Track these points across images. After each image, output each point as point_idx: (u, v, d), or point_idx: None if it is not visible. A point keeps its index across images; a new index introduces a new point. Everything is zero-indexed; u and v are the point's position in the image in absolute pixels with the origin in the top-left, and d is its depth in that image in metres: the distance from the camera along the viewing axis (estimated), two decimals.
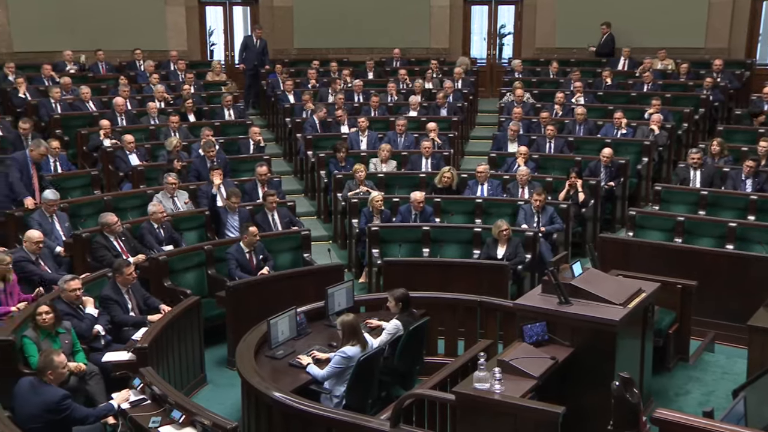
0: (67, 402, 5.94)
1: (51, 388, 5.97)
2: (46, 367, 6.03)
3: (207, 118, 13.95)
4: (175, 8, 17.55)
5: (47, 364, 6.04)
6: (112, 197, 10.69)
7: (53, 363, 6.04)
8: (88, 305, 7.49)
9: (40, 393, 5.92)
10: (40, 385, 5.98)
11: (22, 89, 13.95)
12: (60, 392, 5.97)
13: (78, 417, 5.96)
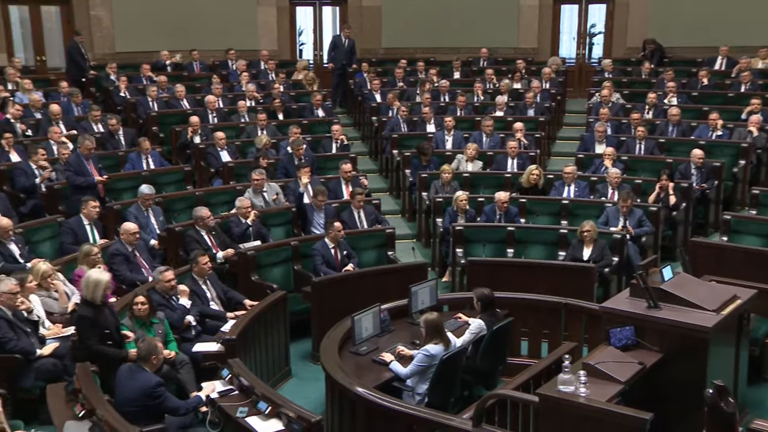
0: (161, 389, 6.11)
1: (147, 374, 6.15)
2: (151, 353, 6.20)
3: (295, 117, 14.17)
4: (267, 9, 17.90)
5: (152, 349, 6.21)
6: (204, 192, 10.99)
7: (158, 348, 6.25)
8: (183, 296, 7.72)
9: (137, 378, 6.12)
10: (137, 370, 6.17)
11: (122, 88, 14.46)
12: (155, 378, 6.15)
13: (170, 406, 6.12)
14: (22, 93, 13.42)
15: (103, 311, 6.88)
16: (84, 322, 6.83)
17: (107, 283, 6.92)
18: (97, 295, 6.83)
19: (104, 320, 6.84)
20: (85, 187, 10.31)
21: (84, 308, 6.89)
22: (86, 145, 10.55)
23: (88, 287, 6.88)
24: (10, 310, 6.99)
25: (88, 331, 6.77)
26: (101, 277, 6.92)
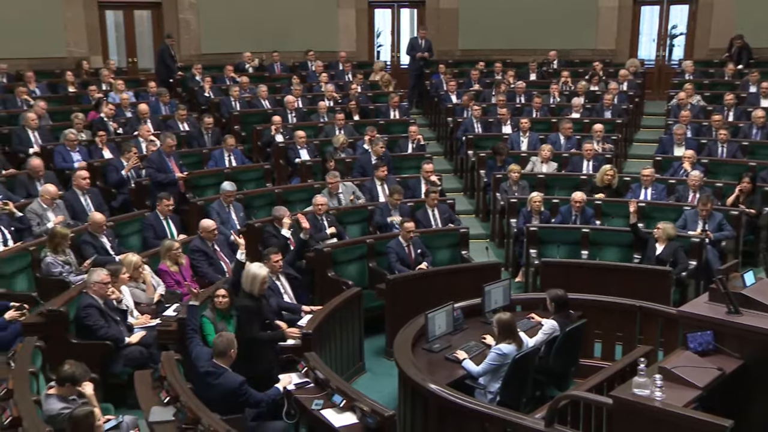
0: (245, 387, 6.10)
1: (228, 374, 6.08)
2: (229, 347, 6.18)
3: (372, 117, 14.25)
4: (347, 11, 18.07)
5: (230, 344, 6.21)
6: (282, 190, 11.15)
7: (234, 343, 6.29)
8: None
9: (220, 381, 6.03)
10: (219, 372, 6.07)
11: (207, 88, 14.82)
12: (238, 379, 6.07)
13: (253, 401, 6.15)
14: (115, 93, 13.89)
15: (262, 302, 7.12)
16: (247, 312, 6.95)
17: (264, 278, 7.03)
18: (254, 287, 6.96)
19: (263, 311, 7.09)
20: (166, 183, 10.63)
21: (245, 299, 7.00)
22: (168, 142, 10.86)
23: (247, 280, 7.01)
24: (101, 299, 7.26)
25: (251, 321, 6.91)
26: (259, 271, 7.02)
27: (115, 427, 5.64)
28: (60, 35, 15.75)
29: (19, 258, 8.41)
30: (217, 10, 16.83)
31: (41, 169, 10.28)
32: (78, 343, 7.07)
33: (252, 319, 6.92)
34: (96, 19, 16.44)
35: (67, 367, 5.85)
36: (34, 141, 11.68)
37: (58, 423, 5.54)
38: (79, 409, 5.28)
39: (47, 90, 14.24)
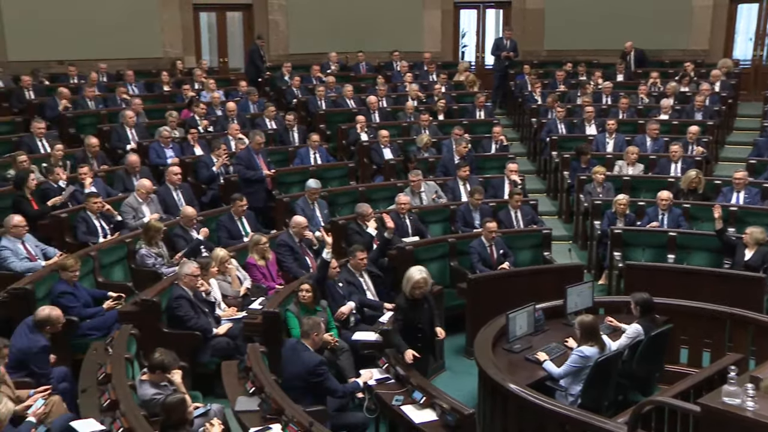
0: (324, 368, 6.25)
1: (310, 352, 6.30)
2: (313, 329, 6.37)
3: (456, 117, 14.20)
4: (432, 12, 18.07)
5: (314, 326, 6.39)
6: (366, 188, 11.23)
7: (320, 327, 6.45)
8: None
9: (301, 356, 6.29)
10: (301, 348, 6.33)
11: (294, 87, 15.06)
12: (317, 357, 6.29)
13: (329, 387, 6.26)
14: (206, 92, 14.28)
15: (420, 306, 6.72)
16: (398, 312, 6.85)
17: (417, 282, 6.64)
18: (406, 289, 6.69)
19: (415, 314, 6.70)
20: (254, 180, 10.84)
21: (401, 299, 6.79)
22: (257, 140, 11.09)
23: (404, 282, 6.76)
24: (191, 290, 7.48)
25: (398, 321, 6.77)
26: (413, 275, 6.66)
27: (203, 414, 5.81)
28: (157, 37, 16.29)
29: (116, 250, 8.75)
30: (305, 12, 17.07)
31: (138, 164, 10.66)
32: (169, 332, 7.30)
33: (399, 319, 6.75)
34: (191, 20, 16.93)
35: (157, 354, 6.06)
36: (132, 138, 12.11)
37: (151, 407, 5.75)
38: (171, 396, 5.46)
39: (144, 89, 14.75)
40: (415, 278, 6.64)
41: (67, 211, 9.36)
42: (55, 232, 9.18)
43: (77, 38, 14.93)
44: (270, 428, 5.50)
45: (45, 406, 5.77)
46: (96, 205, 9.21)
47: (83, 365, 6.48)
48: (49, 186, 9.71)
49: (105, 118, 12.94)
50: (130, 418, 5.31)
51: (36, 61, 14.64)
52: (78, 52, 14.90)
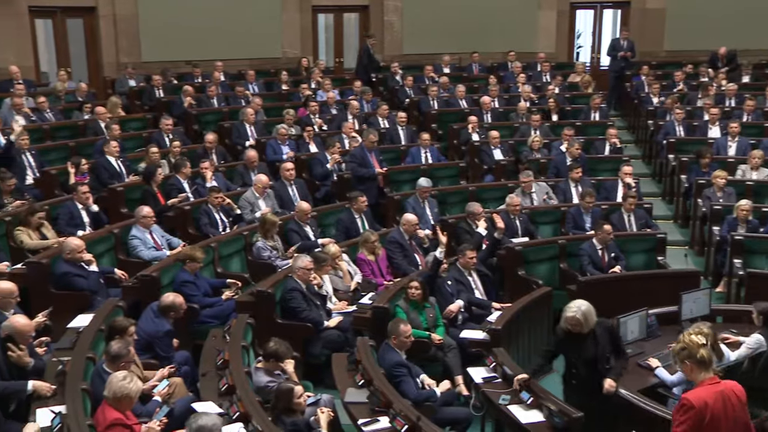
0: (400, 370, 6.32)
1: (393, 352, 6.42)
2: (392, 332, 6.50)
3: (569, 118, 13.94)
4: (548, 12, 17.80)
5: (393, 329, 6.53)
6: (476, 188, 11.19)
7: (399, 329, 6.51)
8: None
9: (384, 356, 6.45)
10: (387, 348, 6.48)
11: (407, 87, 15.16)
12: (396, 359, 6.38)
13: (403, 390, 6.21)
14: (322, 91, 14.59)
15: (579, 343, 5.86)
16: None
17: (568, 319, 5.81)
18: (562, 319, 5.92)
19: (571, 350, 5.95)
20: (367, 178, 10.99)
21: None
22: (370, 138, 11.24)
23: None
24: (304, 283, 7.67)
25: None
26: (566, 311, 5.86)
27: (314, 404, 5.94)
28: (277, 38, 16.76)
29: (234, 242, 9.08)
30: (420, 13, 17.15)
31: (256, 160, 11.01)
32: (282, 323, 7.52)
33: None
34: (309, 22, 17.33)
35: (272, 344, 6.27)
36: (250, 134, 12.52)
37: (265, 394, 5.94)
38: (284, 383, 5.63)
39: (263, 88, 15.20)
40: (566, 315, 5.83)
41: (190, 204, 9.79)
42: (179, 223, 9.61)
43: (203, 40, 15.56)
44: (378, 420, 5.58)
45: (169, 387, 6.06)
46: (217, 199, 9.57)
47: (203, 351, 6.77)
48: (175, 181, 10.16)
49: (226, 115, 13.44)
50: (245, 403, 5.51)
51: (166, 61, 15.36)
52: (203, 53, 15.53)
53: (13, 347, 5.76)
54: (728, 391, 4.40)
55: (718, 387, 4.38)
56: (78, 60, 15.75)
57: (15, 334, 5.80)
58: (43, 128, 12.02)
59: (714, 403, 4.31)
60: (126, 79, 14.68)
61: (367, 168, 11.09)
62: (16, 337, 5.80)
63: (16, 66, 13.66)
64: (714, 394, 4.34)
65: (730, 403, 4.36)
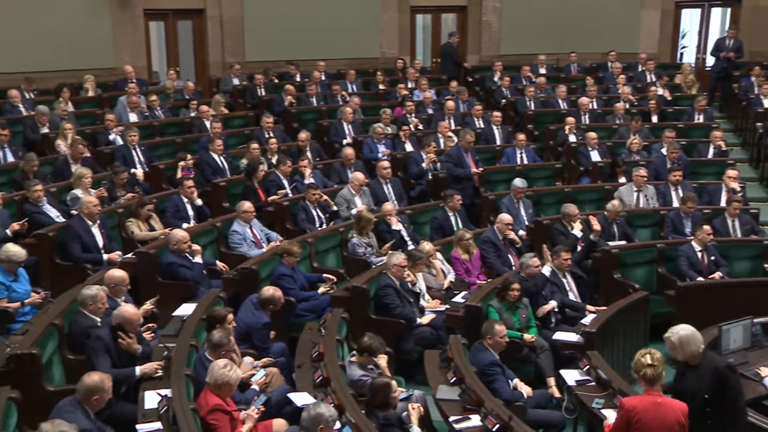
0: (494, 369, 6.31)
1: (485, 352, 6.40)
2: (487, 332, 6.51)
3: (671, 120, 13.49)
4: (651, 12, 17.28)
5: (488, 329, 6.52)
6: (572, 189, 10.99)
7: (494, 330, 6.50)
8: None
9: (476, 355, 6.44)
10: (480, 347, 6.47)
11: (504, 88, 15.02)
12: (490, 358, 6.36)
13: (496, 389, 6.19)
14: (419, 91, 14.63)
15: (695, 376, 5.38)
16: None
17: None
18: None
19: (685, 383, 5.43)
20: (462, 177, 10.95)
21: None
22: (467, 138, 11.19)
23: None
24: (398, 280, 7.72)
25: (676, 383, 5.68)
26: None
27: (406, 399, 5.98)
28: (375, 38, 16.89)
29: (330, 238, 9.22)
30: (518, 13, 16.95)
31: (353, 158, 11.15)
32: (376, 319, 7.60)
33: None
34: (408, 22, 17.39)
35: (366, 338, 6.34)
36: (348, 133, 12.68)
37: (358, 388, 6.03)
38: (379, 378, 5.69)
39: (361, 87, 15.37)
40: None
41: (288, 200, 10.00)
42: (278, 218, 9.83)
43: (304, 41, 15.84)
44: (469, 419, 5.56)
45: (266, 376, 6.23)
46: (314, 196, 9.75)
47: (299, 343, 6.91)
48: (275, 177, 10.40)
49: (325, 113, 13.65)
50: (339, 396, 5.60)
51: (268, 61, 15.72)
52: (304, 53, 15.81)
53: (123, 335, 6.04)
54: (666, 406, 4.89)
55: (656, 399, 4.91)
56: (186, 60, 16.33)
57: (124, 323, 6.07)
58: (153, 125, 12.54)
59: (643, 411, 4.85)
60: (230, 77, 15.12)
61: (463, 168, 11.04)
62: (125, 326, 6.07)
63: (130, 66, 14.31)
64: (648, 404, 4.89)
65: (661, 415, 4.83)
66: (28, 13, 13.68)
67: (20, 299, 7.17)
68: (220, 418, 5.36)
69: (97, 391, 5.18)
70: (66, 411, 5.05)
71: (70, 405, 5.14)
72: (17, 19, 13.58)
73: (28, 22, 13.66)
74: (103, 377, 5.27)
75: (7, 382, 5.53)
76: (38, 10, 13.72)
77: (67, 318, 6.61)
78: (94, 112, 12.86)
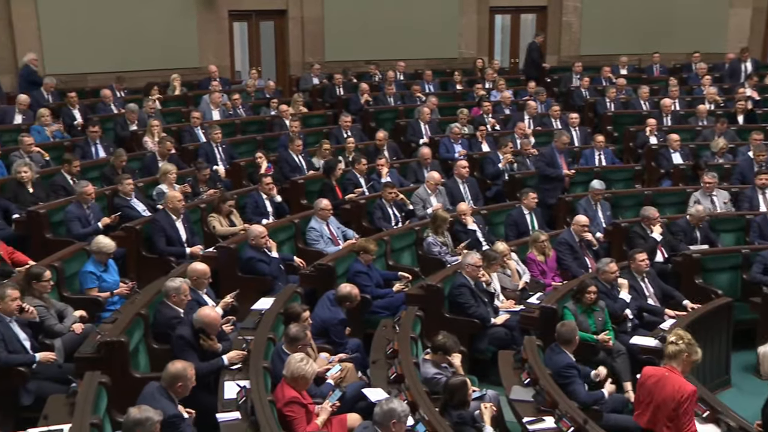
0: (570, 371, 6.18)
1: (563, 355, 6.29)
2: (572, 334, 6.35)
3: (760, 122, 13.00)
4: (741, 10, 16.75)
5: (571, 333, 6.36)
6: (652, 192, 10.73)
7: (573, 333, 6.35)
8: (623, 289, 7.68)
9: (553, 357, 6.31)
10: (556, 349, 6.35)
11: (583, 88, 14.78)
12: (566, 360, 6.24)
13: (574, 391, 6.09)
14: (496, 91, 14.52)
15: None
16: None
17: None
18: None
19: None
20: (553, 177, 10.83)
21: None
22: (562, 140, 11.07)
23: None
24: (473, 280, 7.68)
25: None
26: None
27: (479, 398, 5.96)
28: (454, 38, 16.87)
29: (406, 236, 9.25)
30: (599, 13, 16.68)
31: (429, 157, 11.15)
32: (450, 318, 7.57)
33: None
34: (486, 22, 17.30)
35: (440, 337, 6.35)
36: (425, 132, 12.70)
37: (432, 386, 6.03)
38: (455, 378, 5.69)
39: (438, 87, 15.35)
40: None
41: (365, 198, 10.08)
42: (354, 216, 9.91)
43: (383, 41, 15.94)
44: (543, 420, 5.51)
45: (341, 371, 6.30)
46: (391, 195, 9.79)
47: (374, 340, 6.96)
48: (352, 176, 10.50)
49: (402, 113, 13.69)
50: (413, 393, 5.62)
51: (347, 61, 15.90)
52: (382, 53, 15.92)
53: (204, 338, 6.20)
54: (669, 381, 5.20)
55: (665, 372, 5.27)
56: (268, 59, 16.65)
57: (205, 327, 6.22)
58: (235, 123, 12.82)
59: (651, 377, 5.32)
60: (310, 77, 15.33)
61: (555, 168, 10.91)
62: (206, 329, 6.23)
63: (214, 65, 14.67)
64: (658, 374, 5.29)
65: (661, 386, 5.21)
66: (121, 16, 14.16)
67: (109, 289, 7.48)
68: (296, 410, 5.45)
69: (181, 378, 5.34)
70: (152, 398, 5.23)
71: (156, 392, 5.32)
72: (111, 22, 14.07)
73: (121, 25, 14.14)
74: (186, 365, 5.43)
75: (98, 367, 5.75)
76: (130, 13, 14.21)
77: (152, 308, 6.83)
78: (179, 110, 13.24)
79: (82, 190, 8.76)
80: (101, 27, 13.90)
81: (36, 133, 10.90)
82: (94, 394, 5.32)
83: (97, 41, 13.84)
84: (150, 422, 4.73)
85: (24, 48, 13.54)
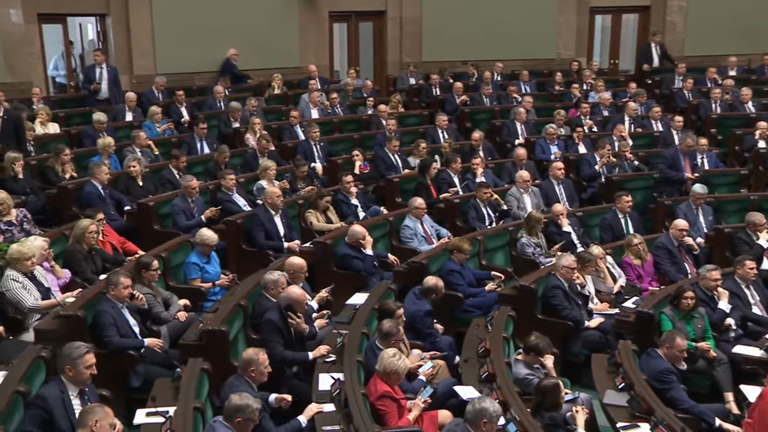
0: (669, 377, 6.02)
1: (660, 360, 6.16)
2: (666, 341, 6.26)
3: None
4: None
5: (669, 338, 6.28)
6: (759, 197, 10.27)
7: (675, 341, 6.21)
8: (722, 298, 7.41)
9: (650, 362, 6.18)
10: (654, 354, 6.22)
11: (686, 90, 14.29)
12: (664, 365, 6.09)
13: (674, 397, 5.95)
14: (594, 93, 14.21)
15: None
16: None
17: None
18: None
19: None
20: (675, 180, 10.59)
21: None
22: (687, 142, 10.83)
23: None
24: (567, 282, 7.56)
25: None
26: None
27: (571, 401, 5.86)
28: (552, 39, 16.58)
29: (500, 236, 9.18)
30: (705, 12, 16.06)
31: (524, 158, 11.02)
32: (543, 319, 7.48)
33: None
34: (586, 23, 16.93)
35: (533, 338, 6.29)
36: (521, 133, 12.57)
37: (523, 386, 5.99)
38: (547, 379, 5.63)
39: (535, 88, 15.15)
40: None
41: (460, 198, 10.06)
42: (448, 215, 9.90)
43: (480, 41, 15.82)
44: (638, 426, 5.38)
45: (433, 368, 6.32)
46: (485, 194, 9.75)
47: (465, 338, 6.96)
48: (446, 175, 10.50)
49: (498, 113, 13.59)
50: (505, 392, 5.59)
51: (444, 61, 15.88)
52: (479, 54, 15.82)
53: (292, 315, 6.36)
54: None
55: None
56: (365, 59, 16.81)
57: (293, 303, 6.40)
58: (333, 121, 13.03)
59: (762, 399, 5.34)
60: (407, 77, 15.40)
61: (677, 171, 10.61)
62: (294, 306, 6.40)
63: (314, 65, 14.94)
64: None
65: None
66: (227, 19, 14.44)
67: (211, 280, 7.76)
68: (388, 404, 5.52)
69: (253, 363, 5.55)
70: (234, 386, 5.44)
71: (235, 380, 5.56)
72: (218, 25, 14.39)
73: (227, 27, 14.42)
74: (257, 351, 5.65)
75: (200, 354, 5.98)
76: (236, 16, 14.56)
77: (251, 300, 7.04)
78: (279, 109, 13.55)
79: (187, 184, 9.10)
80: (209, 29, 14.33)
81: (147, 129, 11.39)
82: (196, 379, 5.54)
83: (205, 42, 14.28)
84: (250, 409, 4.91)
85: (139, 50, 14.04)
